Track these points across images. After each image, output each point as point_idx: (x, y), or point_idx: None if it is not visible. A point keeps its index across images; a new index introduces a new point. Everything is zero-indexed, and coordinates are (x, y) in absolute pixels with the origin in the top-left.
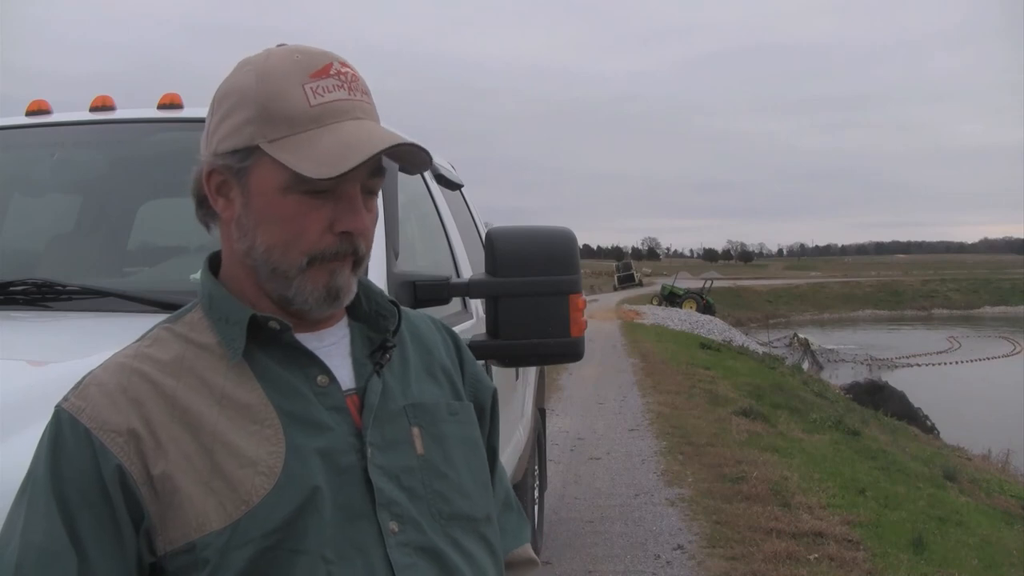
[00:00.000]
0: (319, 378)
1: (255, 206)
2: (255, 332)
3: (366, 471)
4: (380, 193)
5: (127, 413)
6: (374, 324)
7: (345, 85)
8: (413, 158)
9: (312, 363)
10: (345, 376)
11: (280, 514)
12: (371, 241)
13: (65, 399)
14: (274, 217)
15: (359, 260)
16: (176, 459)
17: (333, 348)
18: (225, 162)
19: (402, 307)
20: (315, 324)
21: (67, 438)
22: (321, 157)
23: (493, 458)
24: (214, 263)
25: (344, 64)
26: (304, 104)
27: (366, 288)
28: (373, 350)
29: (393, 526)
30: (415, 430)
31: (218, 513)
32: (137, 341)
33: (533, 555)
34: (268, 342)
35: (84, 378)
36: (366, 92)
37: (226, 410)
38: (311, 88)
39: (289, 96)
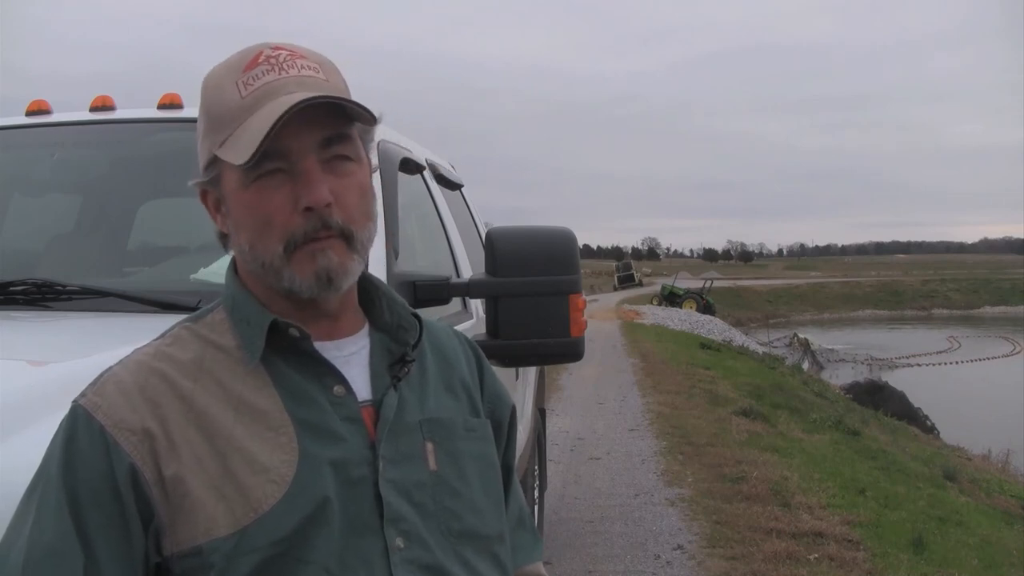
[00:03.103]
0: (335, 388)
1: (231, 211)
2: (275, 338)
3: (377, 485)
4: (372, 165)
5: (143, 412)
6: (395, 336)
7: (276, 67)
8: (352, 113)
9: (329, 373)
10: (362, 387)
11: (289, 523)
12: (354, 213)
13: (83, 395)
14: (243, 213)
15: (348, 237)
16: (189, 462)
17: (352, 358)
18: (203, 179)
19: (425, 318)
20: (335, 332)
21: (81, 435)
22: (245, 142)
23: (508, 475)
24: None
25: (277, 47)
26: (237, 99)
27: (389, 299)
28: (392, 362)
29: (399, 542)
30: (429, 445)
31: (227, 519)
32: (158, 339)
33: (544, 573)
34: (287, 349)
35: (103, 374)
36: (307, 66)
37: (242, 415)
38: (242, 82)
39: (225, 97)
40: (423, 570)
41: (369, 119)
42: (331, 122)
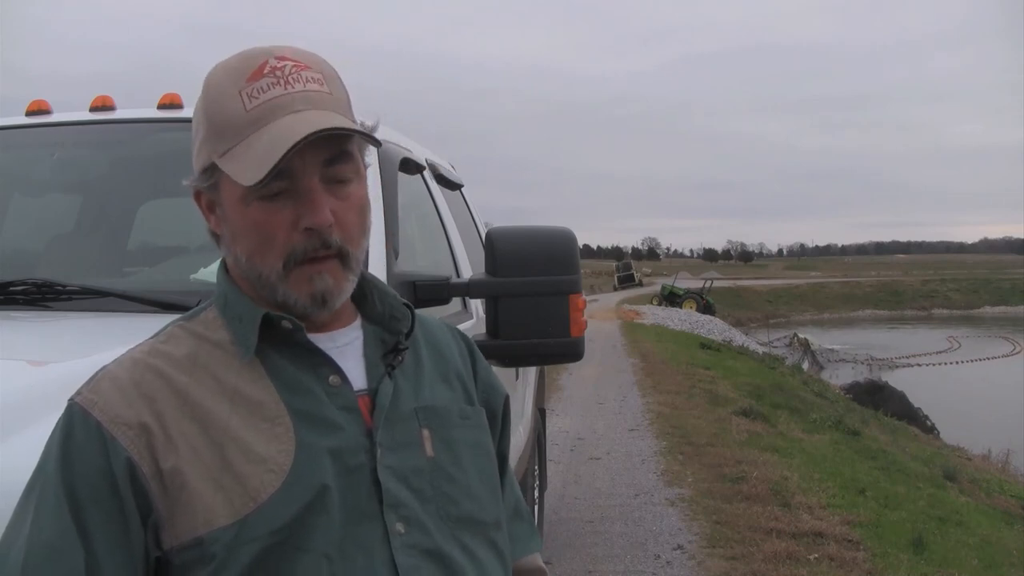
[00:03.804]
0: (331, 378)
1: (229, 220)
2: (269, 331)
3: (375, 471)
4: (369, 177)
5: (139, 407)
6: (387, 326)
7: (281, 81)
8: (360, 136)
9: (324, 363)
10: (357, 377)
11: (288, 512)
12: (353, 232)
13: (78, 393)
14: (243, 228)
15: (344, 256)
16: (186, 454)
17: (346, 349)
18: (200, 183)
19: (417, 311)
20: (328, 324)
21: (78, 431)
22: (253, 161)
23: (503, 465)
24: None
25: (282, 57)
26: (241, 111)
27: (380, 291)
28: (386, 352)
29: (399, 527)
30: (425, 432)
31: (226, 509)
32: (151, 338)
33: (542, 564)
34: (281, 341)
35: (98, 372)
36: (312, 79)
37: (237, 407)
38: (247, 93)
39: (228, 107)
40: (424, 554)
41: (373, 142)
42: (334, 141)
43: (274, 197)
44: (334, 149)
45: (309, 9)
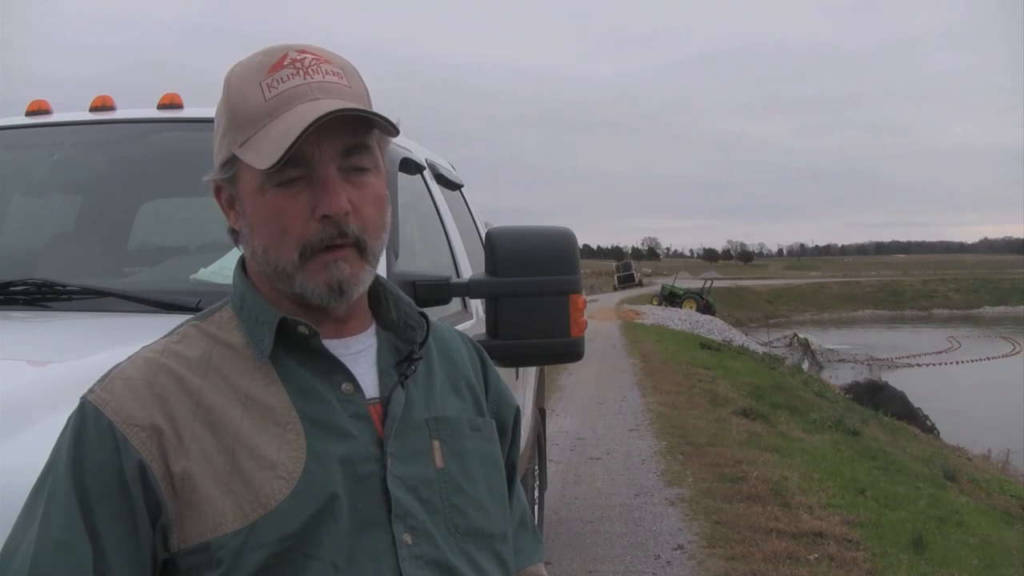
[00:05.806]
0: (343, 385)
1: (246, 211)
2: (283, 335)
3: (385, 481)
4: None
5: (151, 408)
6: (402, 334)
7: (300, 71)
8: (377, 124)
9: (337, 370)
10: (370, 385)
11: (297, 519)
12: (370, 223)
13: (91, 391)
14: (260, 217)
15: (361, 246)
16: (197, 457)
17: (360, 356)
18: (220, 176)
19: (431, 319)
20: (343, 330)
21: (90, 430)
22: (268, 146)
23: (512, 476)
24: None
25: (302, 51)
26: (260, 101)
27: (396, 298)
28: (399, 360)
29: (407, 538)
30: (435, 443)
31: (235, 514)
32: (165, 336)
33: (545, 574)
34: (296, 346)
35: (111, 371)
36: (331, 71)
37: (250, 411)
38: (266, 84)
39: (247, 98)
40: (431, 566)
41: (391, 130)
42: (353, 131)
43: (290, 184)
44: (352, 139)
45: (303, 11)
